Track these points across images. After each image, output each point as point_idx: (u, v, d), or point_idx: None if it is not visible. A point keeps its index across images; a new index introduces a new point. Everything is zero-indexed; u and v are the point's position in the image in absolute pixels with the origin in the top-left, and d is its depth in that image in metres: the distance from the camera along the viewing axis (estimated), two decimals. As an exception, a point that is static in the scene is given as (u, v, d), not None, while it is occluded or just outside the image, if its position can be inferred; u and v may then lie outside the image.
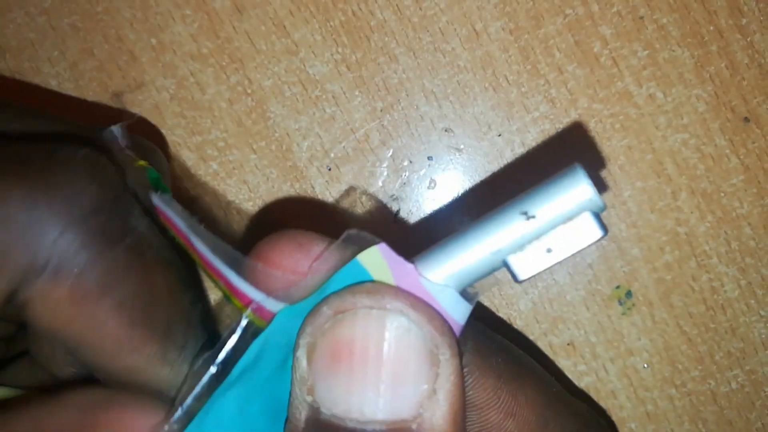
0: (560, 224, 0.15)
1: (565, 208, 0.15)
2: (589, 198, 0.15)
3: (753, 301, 0.27)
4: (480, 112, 0.27)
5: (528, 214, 0.15)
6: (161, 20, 0.26)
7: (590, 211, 0.15)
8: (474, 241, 0.15)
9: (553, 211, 0.15)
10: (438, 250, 0.16)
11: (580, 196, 0.15)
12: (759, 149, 0.27)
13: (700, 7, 0.26)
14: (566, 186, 0.15)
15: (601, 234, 0.15)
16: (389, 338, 0.14)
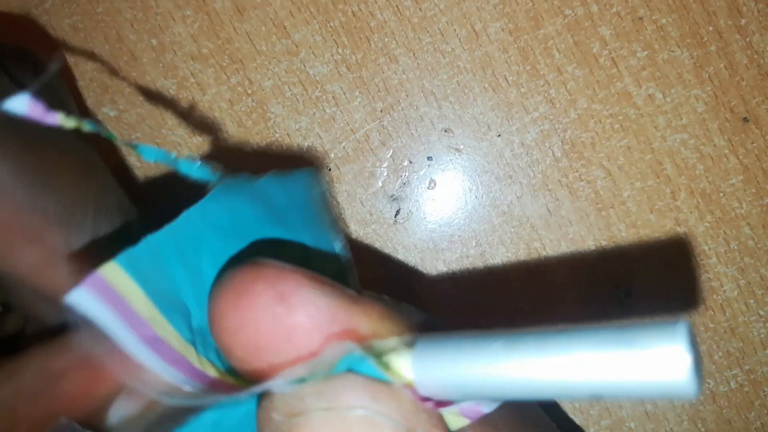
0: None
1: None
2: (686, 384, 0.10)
3: (752, 300, 0.27)
4: (479, 113, 0.27)
5: (598, 397, 0.11)
6: (162, 21, 0.26)
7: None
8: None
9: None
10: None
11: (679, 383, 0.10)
12: (758, 149, 0.27)
13: (699, 7, 0.26)
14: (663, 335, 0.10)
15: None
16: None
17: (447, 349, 0.12)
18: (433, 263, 0.27)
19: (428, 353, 0.12)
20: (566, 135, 0.27)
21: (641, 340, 0.10)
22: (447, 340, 0.12)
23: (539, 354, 0.11)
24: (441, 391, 0.12)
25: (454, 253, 0.27)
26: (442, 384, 0.12)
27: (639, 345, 0.10)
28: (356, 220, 0.27)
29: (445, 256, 0.27)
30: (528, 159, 0.27)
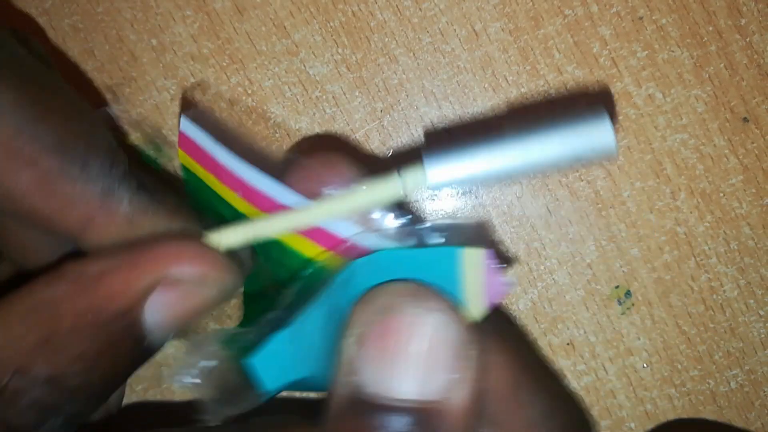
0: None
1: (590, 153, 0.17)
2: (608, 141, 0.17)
3: (752, 300, 0.27)
4: (479, 113, 0.27)
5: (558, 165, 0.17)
6: (162, 21, 0.26)
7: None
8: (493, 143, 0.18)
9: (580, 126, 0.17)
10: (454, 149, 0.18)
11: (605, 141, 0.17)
12: (758, 149, 0.27)
13: (699, 7, 0.26)
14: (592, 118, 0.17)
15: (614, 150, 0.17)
16: (429, 333, 0.16)
17: (453, 153, 0.17)
18: (433, 263, 0.27)
19: (436, 159, 0.17)
20: (566, 135, 0.27)
21: (586, 125, 0.17)
22: (453, 149, 0.17)
23: (524, 142, 0.17)
24: (450, 179, 0.17)
25: (454, 253, 0.27)
26: (450, 174, 0.17)
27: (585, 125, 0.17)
28: (356, 220, 0.27)
29: (445, 256, 0.27)
30: (528, 159, 0.27)
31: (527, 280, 0.27)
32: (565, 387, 0.22)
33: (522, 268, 0.27)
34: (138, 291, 0.17)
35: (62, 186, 0.17)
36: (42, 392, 0.16)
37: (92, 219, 0.17)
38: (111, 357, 0.17)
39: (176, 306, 0.17)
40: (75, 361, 0.16)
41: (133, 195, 0.18)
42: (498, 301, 0.17)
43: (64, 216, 0.17)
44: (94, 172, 0.17)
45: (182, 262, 0.17)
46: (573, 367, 0.27)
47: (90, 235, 0.18)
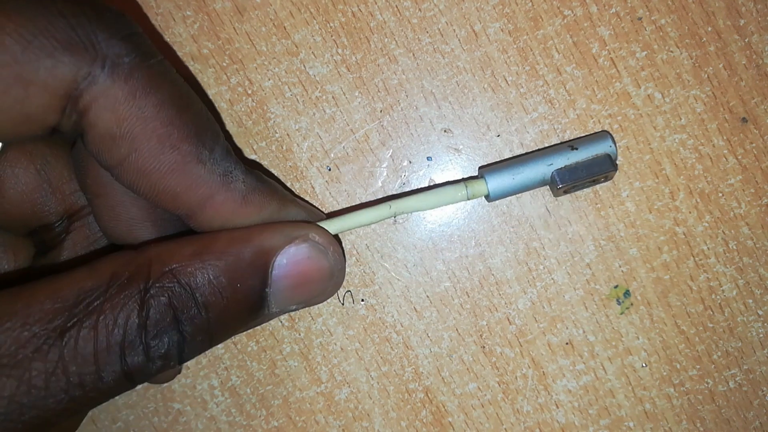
0: (590, 157, 0.25)
1: (596, 149, 0.25)
2: (610, 147, 0.25)
3: (751, 300, 0.27)
4: (479, 113, 0.27)
5: (573, 147, 0.25)
6: (162, 21, 0.26)
7: (610, 155, 0.25)
8: (534, 158, 0.25)
9: (588, 149, 0.25)
10: (504, 164, 0.25)
11: (606, 146, 0.25)
12: (757, 149, 0.27)
13: (698, 8, 0.26)
14: (599, 139, 0.25)
15: (615, 168, 0.25)
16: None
17: (502, 172, 0.25)
18: (433, 263, 0.27)
19: (493, 178, 0.24)
20: (565, 135, 0.27)
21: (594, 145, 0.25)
22: (500, 169, 0.25)
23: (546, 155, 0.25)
24: (502, 194, 0.25)
25: (453, 253, 0.27)
26: (502, 191, 0.24)
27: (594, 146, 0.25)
28: (356, 220, 0.27)
29: (444, 256, 0.27)
30: (527, 159, 0.27)
31: (526, 280, 0.27)
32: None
33: (521, 268, 0.27)
34: (279, 237, 0.21)
35: (195, 167, 0.20)
36: (181, 295, 0.19)
37: (213, 196, 0.20)
38: (239, 298, 0.20)
39: (300, 264, 0.21)
40: (211, 281, 0.19)
41: (246, 176, 0.21)
42: None
43: (191, 193, 0.20)
44: (217, 155, 0.20)
45: (316, 230, 0.22)
46: (572, 366, 0.27)
47: (210, 210, 0.21)
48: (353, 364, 0.27)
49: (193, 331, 0.19)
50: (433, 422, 0.27)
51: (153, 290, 0.18)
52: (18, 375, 0.17)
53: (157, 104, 0.19)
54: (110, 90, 0.18)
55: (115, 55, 0.18)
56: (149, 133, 0.19)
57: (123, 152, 0.19)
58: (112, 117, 0.19)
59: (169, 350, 0.19)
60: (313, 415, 0.27)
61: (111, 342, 0.18)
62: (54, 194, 0.23)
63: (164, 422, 0.27)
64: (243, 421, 0.27)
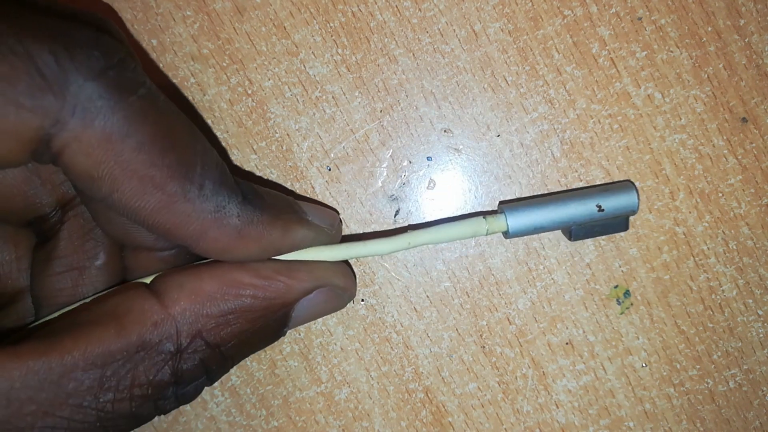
0: (610, 217, 0.25)
1: (620, 211, 0.25)
2: (633, 211, 0.25)
3: (751, 300, 0.27)
4: (479, 113, 0.27)
5: (600, 207, 0.25)
6: (162, 21, 0.26)
7: (630, 216, 0.26)
8: (558, 204, 0.25)
9: (613, 211, 0.25)
10: (526, 206, 0.25)
11: (630, 209, 0.25)
12: (757, 149, 0.27)
13: (698, 8, 0.26)
14: (625, 202, 0.25)
15: (626, 229, 0.26)
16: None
17: (525, 210, 0.25)
18: (433, 263, 0.27)
19: (513, 215, 0.25)
20: (565, 135, 0.27)
21: (618, 195, 0.25)
22: (523, 206, 0.25)
23: (571, 205, 0.25)
24: (522, 232, 0.25)
25: (453, 253, 0.27)
26: (522, 228, 0.25)
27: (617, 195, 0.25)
28: (356, 220, 0.27)
29: (444, 256, 0.27)
30: (527, 159, 0.27)
31: (526, 280, 0.27)
32: None
33: (521, 268, 0.27)
34: (303, 290, 0.22)
35: (182, 206, 0.19)
36: (211, 356, 0.20)
37: (206, 232, 0.20)
38: (259, 338, 0.22)
39: (318, 307, 0.22)
40: (237, 335, 0.21)
41: (241, 209, 0.21)
42: None
43: (181, 230, 0.20)
44: (207, 191, 0.20)
45: (338, 276, 0.23)
46: (572, 366, 0.27)
47: (204, 245, 0.20)
48: (353, 364, 0.27)
49: (217, 373, 0.21)
50: (433, 422, 0.27)
51: (185, 356, 0.20)
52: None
53: (136, 147, 0.18)
54: (82, 135, 0.18)
55: (87, 99, 0.17)
56: (129, 174, 0.18)
57: (104, 192, 0.19)
58: (88, 161, 0.18)
59: (197, 390, 0.21)
60: (313, 415, 0.27)
61: (144, 403, 0.19)
62: (44, 186, 0.23)
63: (164, 422, 0.27)
64: (243, 421, 0.27)
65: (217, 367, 0.21)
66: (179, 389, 0.20)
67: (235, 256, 0.21)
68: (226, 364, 0.21)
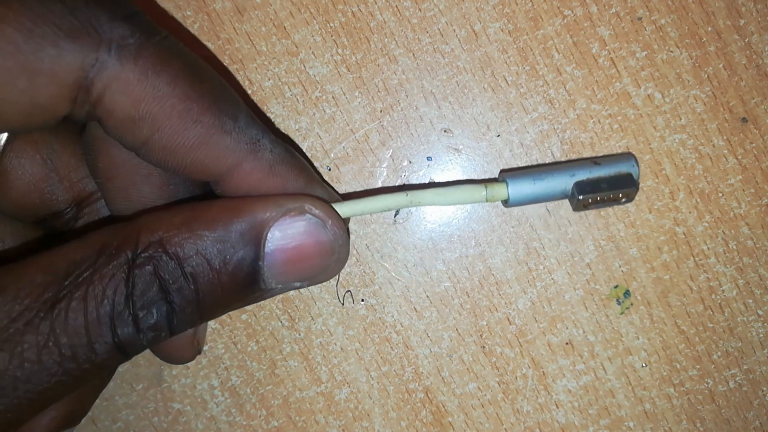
0: (611, 174, 0.24)
1: (619, 168, 0.24)
2: (633, 167, 0.25)
3: (751, 300, 0.27)
4: (479, 113, 0.27)
5: (596, 162, 0.24)
6: (162, 21, 0.26)
7: (632, 174, 0.24)
8: (556, 168, 0.24)
9: (611, 166, 0.24)
10: (526, 173, 0.24)
11: (629, 165, 0.24)
12: (757, 149, 0.27)
13: (698, 8, 0.26)
14: (622, 158, 0.25)
15: (636, 188, 0.24)
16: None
17: (524, 179, 0.24)
18: (433, 263, 0.27)
19: (514, 183, 0.24)
20: (565, 135, 0.27)
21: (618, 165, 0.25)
22: (522, 175, 0.24)
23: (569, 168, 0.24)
24: (521, 201, 0.24)
25: (453, 253, 0.27)
26: (522, 197, 0.24)
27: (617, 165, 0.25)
28: (356, 220, 0.27)
29: (444, 256, 0.27)
30: (527, 159, 0.27)
31: (526, 280, 0.27)
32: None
33: (521, 268, 0.27)
34: (273, 210, 0.20)
35: (221, 138, 0.20)
36: (166, 265, 0.18)
37: (241, 164, 0.20)
38: (230, 263, 0.19)
39: (294, 238, 0.20)
40: (200, 252, 0.19)
41: (274, 146, 0.21)
42: None
43: (219, 163, 0.20)
44: (242, 123, 0.20)
45: (313, 202, 0.21)
46: (572, 366, 0.27)
47: (237, 179, 0.20)
48: (353, 364, 0.27)
49: (181, 302, 0.19)
50: (433, 422, 0.27)
51: (139, 260, 0.18)
52: (10, 349, 0.17)
53: (170, 81, 0.19)
54: (121, 73, 0.18)
55: (120, 36, 0.18)
56: (168, 110, 0.19)
57: (146, 133, 0.19)
58: (128, 100, 0.18)
59: (158, 321, 0.19)
60: (313, 415, 0.27)
61: (101, 313, 0.18)
62: (62, 182, 0.23)
63: (164, 422, 0.27)
64: (243, 421, 0.27)
65: (178, 292, 0.19)
66: (135, 307, 0.18)
67: (264, 193, 0.21)
68: (189, 290, 0.19)
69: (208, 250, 0.19)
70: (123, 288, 0.18)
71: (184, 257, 0.19)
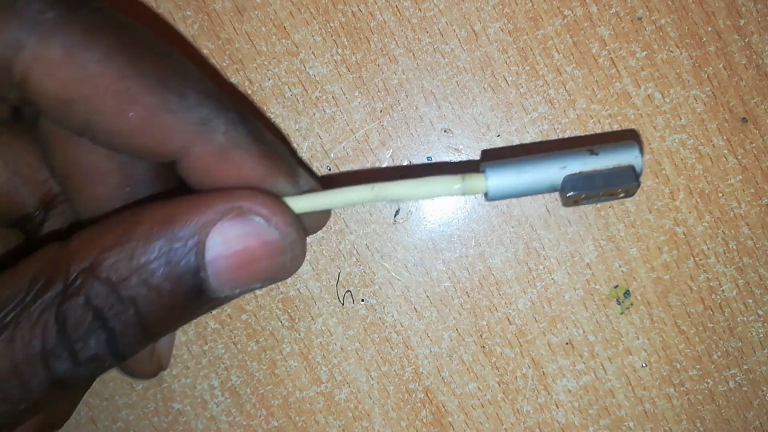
0: (610, 166, 0.21)
1: (619, 159, 0.21)
2: (636, 158, 0.21)
3: (751, 300, 0.27)
4: (479, 113, 0.27)
5: (593, 151, 0.21)
6: (162, 21, 0.26)
7: (634, 166, 0.21)
8: (545, 158, 0.21)
9: (610, 156, 0.21)
10: (510, 162, 0.21)
11: (632, 156, 0.21)
12: (757, 149, 0.27)
13: (698, 8, 0.26)
14: (624, 147, 0.21)
15: (637, 184, 0.21)
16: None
17: (507, 169, 0.21)
18: (433, 263, 0.27)
19: (495, 173, 0.21)
20: (565, 135, 0.27)
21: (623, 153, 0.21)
22: (505, 164, 0.21)
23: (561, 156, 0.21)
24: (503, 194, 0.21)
25: (453, 253, 0.27)
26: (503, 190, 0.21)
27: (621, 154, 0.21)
28: (356, 220, 0.27)
29: (444, 256, 0.27)
30: (527, 159, 0.27)
31: (526, 280, 0.27)
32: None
33: (521, 268, 0.27)
34: (209, 215, 0.18)
35: (164, 117, 0.18)
36: (99, 292, 0.17)
37: (189, 148, 0.18)
38: (169, 278, 0.18)
39: (234, 242, 0.18)
40: (136, 271, 0.17)
41: (229, 127, 0.19)
42: None
43: (166, 146, 0.18)
44: (190, 101, 0.18)
45: (254, 200, 0.18)
46: (572, 366, 0.27)
47: (187, 164, 0.19)
48: (353, 364, 0.27)
49: (122, 327, 0.17)
50: (433, 422, 0.27)
51: (70, 291, 0.17)
52: None
53: (101, 58, 0.17)
54: (42, 53, 0.16)
55: (36, 12, 0.16)
56: (102, 91, 0.17)
57: (82, 116, 0.17)
58: (54, 82, 0.17)
59: (97, 352, 0.17)
60: (313, 415, 0.27)
61: (30, 354, 0.16)
62: (26, 185, 0.22)
63: (164, 422, 0.27)
64: (243, 421, 0.27)
65: (117, 317, 0.17)
66: (70, 342, 0.17)
67: (215, 181, 0.19)
68: (127, 314, 0.17)
69: (144, 269, 0.17)
70: (53, 324, 0.17)
71: (118, 280, 0.17)
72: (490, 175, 0.21)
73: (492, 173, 0.21)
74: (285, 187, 0.20)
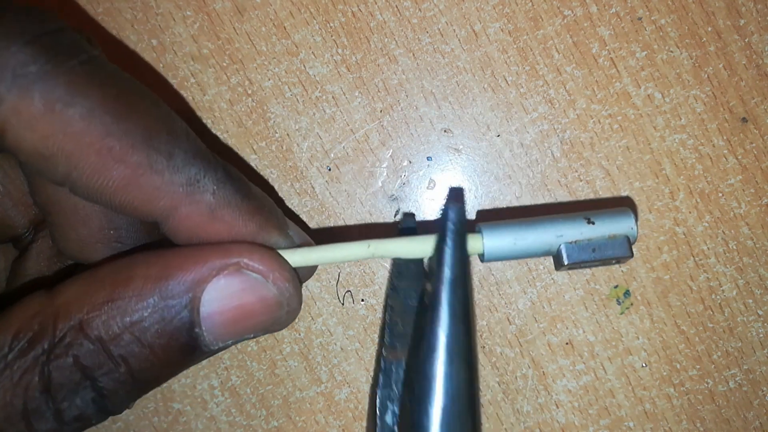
0: (605, 236, 0.21)
1: (615, 228, 0.21)
2: (631, 229, 0.22)
3: (751, 300, 0.27)
4: (479, 113, 0.27)
5: (590, 220, 0.21)
6: (162, 21, 0.26)
7: (629, 237, 0.21)
8: (542, 223, 0.21)
9: (606, 226, 0.21)
10: (507, 224, 0.21)
11: (627, 226, 0.21)
12: (757, 149, 0.27)
13: (698, 8, 0.26)
14: (620, 216, 0.22)
15: (630, 255, 0.21)
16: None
17: (503, 232, 0.21)
18: (433, 263, 0.27)
19: (491, 235, 0.21)
20: (565, 135, 0.27)
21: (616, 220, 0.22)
22: (502, 227, 0.21)
23: (557, 221, 0.21)
24: (499, 256, 0.21)
25: (453, 253, 0.27)
26: (499, 253, 0.21)
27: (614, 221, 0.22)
28: (356, 220, 0.27)
29: (444, 256, 0.27)
30: (527, 159, 0.27)
31: (526, 280, 0.27)
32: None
33: (521, 268, 0.27)
34: (204, 270, 0.18)
35: (150, 178, 0.17)
36: (89, 351, 0.16)
37: (176, 208, 0.18)
38: (162, 335, 0.17)
39: (231, 298, 0.18)
40: (128, 328, 0.17)
41: (218, 186, 0.18)
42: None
43: (151, 206, 0.18)
44: (178, 161, 0.18)
45: (251, 256, 0.18)
46: (572, 366, 0.27)
47: (174, 223, 0.18)
48: (353, 364, 0.27)
49: (113, 386, 0.17)
50: (433, 422, 0.27)
51: (58, 350, 0.16)
52: None
53: (85, 114, 0.16)
54: (21, 106, 0.16)
55: (19, 65, 0.16)
56: (85, 148, 0.16)
57: (63, 170, 0.17)
58: (34, 136, 0.16)
59: (84, 411, 0.17)
60: (313, 415, 0.27)
61: (10, 413, 0.16)
62: (16, 206, 0.22)
63: (164, 422, 0.27)
64: (243, 421, 0.27)
65: (107, 375, 0.17)
66: (55, 402, 0.16)
67: (204, 239, 0.19)
68: (119, 372, 0.17)
69: (137, 326, 0.17)
70: (37, 383, 0.16)
71: (109, 339, 0.17)
72: (486, 237, 0.21)
73: (489, 236, 0.21)
74: (278, 240, 0.20)
